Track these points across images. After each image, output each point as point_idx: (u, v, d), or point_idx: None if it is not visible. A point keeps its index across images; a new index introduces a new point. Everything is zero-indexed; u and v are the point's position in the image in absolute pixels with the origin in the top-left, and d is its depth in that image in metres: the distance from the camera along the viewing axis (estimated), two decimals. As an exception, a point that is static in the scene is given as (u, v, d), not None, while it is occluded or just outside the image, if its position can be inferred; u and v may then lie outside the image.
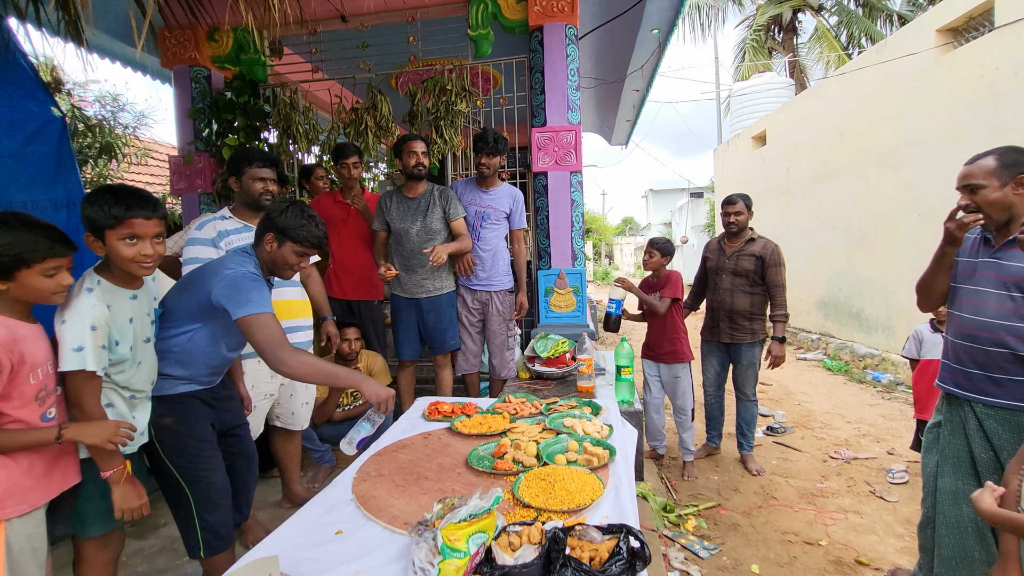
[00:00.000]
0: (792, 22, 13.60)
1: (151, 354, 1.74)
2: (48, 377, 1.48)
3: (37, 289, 1.42)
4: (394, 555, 1.24)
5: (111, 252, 1.55)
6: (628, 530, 1.18)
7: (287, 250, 1.81)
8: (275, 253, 1.82)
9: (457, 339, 3.26)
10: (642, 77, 6.03)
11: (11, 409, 1.39)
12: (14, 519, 1.39)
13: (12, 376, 1.38)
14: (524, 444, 1.78)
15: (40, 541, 1.47)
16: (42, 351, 1.46)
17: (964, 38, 5.35)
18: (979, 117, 4.92)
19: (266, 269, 1.87)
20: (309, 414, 2.63)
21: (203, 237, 2.30)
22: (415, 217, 3.07)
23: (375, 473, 1.69)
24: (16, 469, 1.40)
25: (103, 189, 1.55)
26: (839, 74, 7.41)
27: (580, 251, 3.74)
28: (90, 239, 1.55)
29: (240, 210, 2.42)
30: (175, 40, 4.13)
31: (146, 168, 7.85)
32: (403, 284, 3.15)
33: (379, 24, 4.05)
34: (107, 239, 1.53)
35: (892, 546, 2.62)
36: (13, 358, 1.37)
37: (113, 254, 1.55)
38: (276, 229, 1.80)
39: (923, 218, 5.63)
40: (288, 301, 2.47)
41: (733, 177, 11.20)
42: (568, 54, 3.65)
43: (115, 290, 1.60)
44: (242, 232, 2.35)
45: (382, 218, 3.17)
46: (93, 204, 1.52)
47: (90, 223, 1.53)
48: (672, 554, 2.55)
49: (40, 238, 1.40)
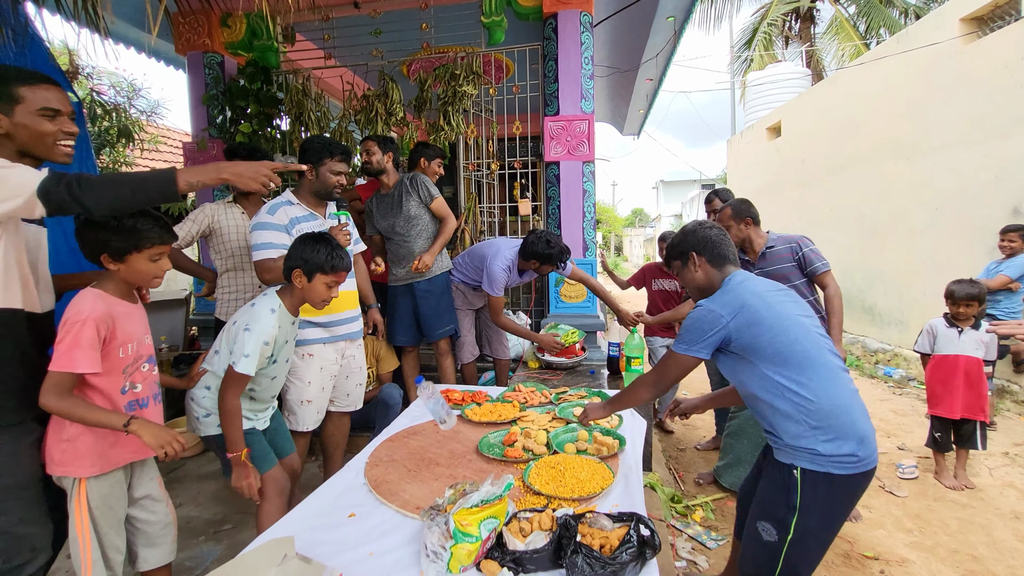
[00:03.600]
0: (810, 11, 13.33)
1: (284, 372, 2.03)
2: (139, 353, 1.61)
3: (142, 272, 1.57)
4: (406, 538, 1.26)
5: (307, 292, 1.87)
6: (639, 519, 1.19)
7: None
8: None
9: (451, 326, 3.23)
10: (656, 66, 5.94)
11: (95, 377, 1.50)
12: (91, 479, 1.52)
13: (103, 347, 1.50)
14: (534, 432, 1.80)
15: (116, 501, 1.59)
16: (138, 329, 1.61)
17: (989, 27, 5.22)
18: (1001, 108, 4.81)
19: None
20: (363, 395, 2.65)
21: (276, 223, 2.25)
22: (394, 210, 3.08)
23: (387, 458, 1.72)
24: (92, 432, 1.51)
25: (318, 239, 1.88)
26: (858, 64, 7.27)
27: (591, 241, 3.73)
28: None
29: (306, 197, 2.38)
30: (188, 26, 4.13)
31: (159, 155, 7.91)
32: (397, 274, 3.17)
33: (392, 11, 4.03)
34: (313, 280, 1.85)
35: (901, 541, 2.62)
36: (106, 331, 1.49)
37: (309, 293, 1.87)
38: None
39: (940, 211, 5.54)
40: (342, 293, 2.45)
41: (746, 168, 11.06)
42: (582, 42, 3.61)
43: (286, 314, 1.89)
44: (310, 220, 2.34)
45: (371, 222, 3.19)
46: (312, 250, 1.85)
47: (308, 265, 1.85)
48: (679, 544, 2.57)
49: (153, 226, 1.53)
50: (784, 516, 1.49)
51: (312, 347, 2.31)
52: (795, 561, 1.50)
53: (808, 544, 1.49)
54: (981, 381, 3.11)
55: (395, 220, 3.06)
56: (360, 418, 3.08)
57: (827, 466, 1.44)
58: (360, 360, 2.56)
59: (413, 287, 3.14)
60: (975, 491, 3.10)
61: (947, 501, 3.00)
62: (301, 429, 2.31)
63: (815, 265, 2.61)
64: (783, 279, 2.60)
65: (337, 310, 2.36)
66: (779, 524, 1.50)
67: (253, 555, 1.12)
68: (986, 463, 3.50)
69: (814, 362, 1.48)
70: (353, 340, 2.49)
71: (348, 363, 2.49)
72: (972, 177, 5.16)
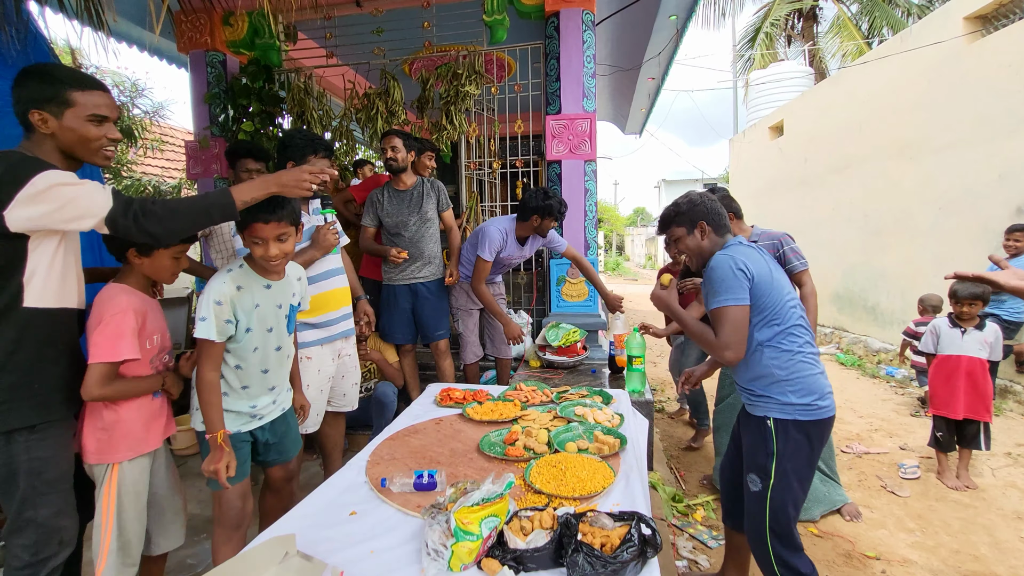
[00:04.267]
0: (813, 10, 13.29)
1: (272, 344, 1.79)
2: (162, 345, 1.74)
3: (164, 268, 1.66)
4: (407, 536, 1.26)
5: (254, 249, 1.69)
6: (640, 518, 1.19)
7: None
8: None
9: (447, 329, 3.25)
10: (658, 65, 5.93)
11: (126, 366, 1.60)
12: (124, 463, 1.61)
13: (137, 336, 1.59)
14: (535, 431, 1.80)
15: (143, 487, 1.67)
16: (160, 322, 1.72)
17: (993, 26, 5.19)
18: (1005, 107, 4.79)
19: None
20: (358, 394, 2.65)
21: None
22: (411, 208, 3.08)
23: (388, 457, 1.72)
24: (127, 419, 1.61)
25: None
26: (861, 63, 7.25)
27: (593, 240, 3.72)
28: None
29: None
30: (191, 25, 4.14)
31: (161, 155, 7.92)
32: (398, 273, 3.16)
33: (394, 9, 4.03)
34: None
35: (902, 541, 2.61)
36: (139, 322, 1.60)
37: (254, 249, 1.68)
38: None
39: (943, 211, 5.52)
40: (335, 291, 2.45)
41: (749, 168, 11.04)
42: (584, 40, 3.61)
43: (250, 275, 1.73)
44: None
45: (373, 213, 3.12)
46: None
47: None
48: (681, 543, 2.56)
49: None
50: (765, 463, 1.70)
51: (310, 350, 2.31)
52: (779, 503, 1.69)
53: (790, 484, 1.69)
54: (985, 381, 3.10)
55: (409, 218, 3.06)
56: (357, 416, 3.09)
57: (794, 414, 1.67)
58: (354, 358, 2.57)
59: (416, 288, 3.15)
60: (977, 491, 3.09)
61: (949, 501, 3.00)
62: (300, 432, 2.32)
63: (793, 264, 2.64)
64: None
65: (331, 308, 2.36)
66: (762, 472, 1.71)
67: (254, 552, 1.13)
68: (988, 463, 3.49)
69: (795, 326, 1.71)
70: (348, 338, 2.50)
71: (344, 362, 2.49)
72: (976, 177, 5.14)
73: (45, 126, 1.43)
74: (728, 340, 1.66)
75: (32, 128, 1.44)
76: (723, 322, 1.67)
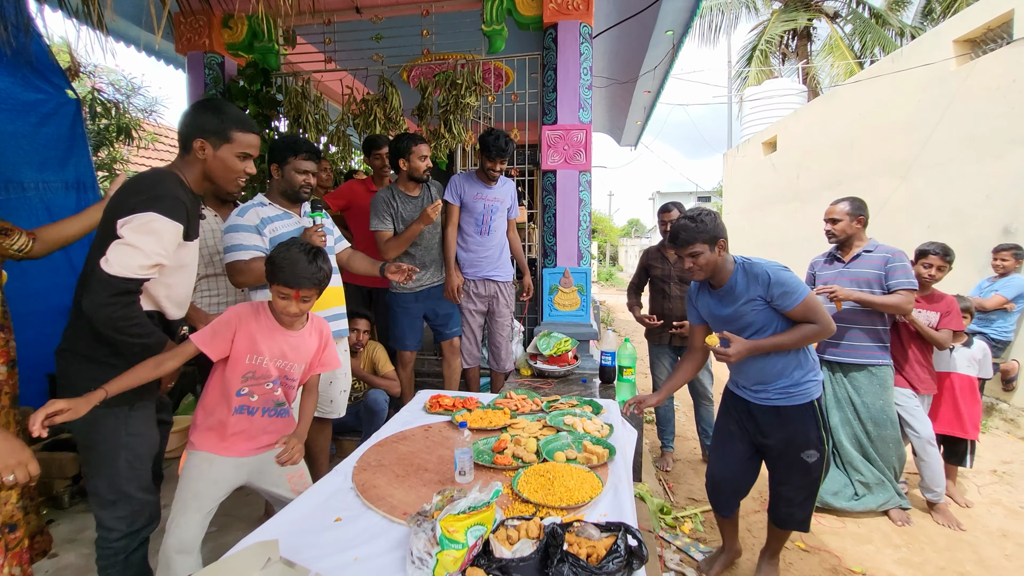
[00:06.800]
0: (807, 29, 13.52)
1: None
2: (268, 371, 1.84)
3: (230, 169, 1.77)
4: (392, 544, 1.25)
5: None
6: (626, 528, 1.19)
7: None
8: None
9: (460, 326, 3.35)
10: (654, 78, 6.00)
11: (222, 363, 1.75)
12: (191, 451, 1.75)
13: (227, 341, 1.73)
14: (524, 440, 1.79)
15: (200, 480, 1.76)
16: (271, 350, 1.79)
17: (982, 49, 5.30)
18: (994, 129, 4.88)
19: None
20: (346, 401, 2.60)
21: (246, 223, 2.21)
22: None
23: (375, 463, 1.70)
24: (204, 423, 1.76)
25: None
26: (853, 81, 7.37)
27: (586, 250, 3.74)
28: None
29: (277, 197, 2.34)
30: (190, 26, 4.14)
31: (155, 152, 7.88)
32: (412, 281, 3.12)
33: (393, 16, 4.05)
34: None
35: (889, 557, 2.62)
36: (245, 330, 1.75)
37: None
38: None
39: (932, 228, 5.60)
40: (328, 290, 2.43)
41: (742, 182, 11.15)
42: (582, 52, 3.64)
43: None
44: (284, 219, 2.30)
45: (390, 216, 3.06)
46: None
47: None
48: (668, 555, 2.56)
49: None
50: (820, 436, 2.06)
51: None
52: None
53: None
54: (974, 399, 3.12)
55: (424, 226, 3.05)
56: (347, 422, 3.07)
57: (819, 387, 2.09)
58: (345, 366, 2.54)
59: (429, 291, 3.22)
60: (963, 508, 3.11)
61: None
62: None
63: (899, 279, 2.99)
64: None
65: (323, 307, 2.34)
66: (818, 444, 2.06)
67: (236, 558, 1.11)
68: (974, 480, 3.51)
69: None
70: (339, 339, 2.45)
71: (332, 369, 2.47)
72: (964, 196, 5.23)
73: (202, 152, 1.64)
74: (826, 318, 1.96)
75: (190, 151, 1.65)
76: (814, 307, 1.95)
